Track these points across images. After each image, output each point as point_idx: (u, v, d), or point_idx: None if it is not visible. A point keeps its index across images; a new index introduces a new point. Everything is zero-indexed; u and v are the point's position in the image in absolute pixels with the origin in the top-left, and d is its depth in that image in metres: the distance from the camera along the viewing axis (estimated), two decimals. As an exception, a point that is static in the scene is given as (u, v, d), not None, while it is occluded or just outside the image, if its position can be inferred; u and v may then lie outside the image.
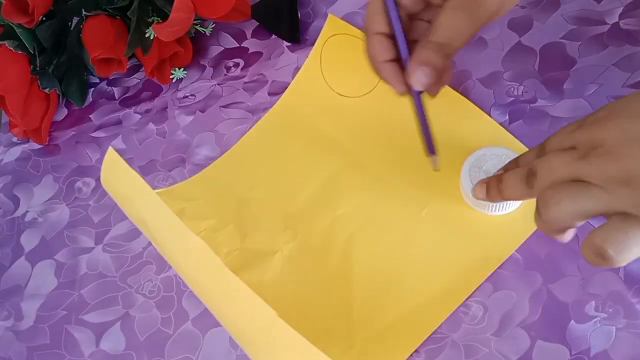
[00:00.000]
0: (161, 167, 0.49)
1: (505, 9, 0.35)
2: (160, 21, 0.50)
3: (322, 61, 0.48)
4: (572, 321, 0.36)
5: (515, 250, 0.39)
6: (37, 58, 0.52)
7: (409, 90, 0.37)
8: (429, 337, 0.38)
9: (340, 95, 0.47)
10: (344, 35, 0.47)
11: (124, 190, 0.38)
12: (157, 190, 0.46)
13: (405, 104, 0.39)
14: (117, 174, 0.37)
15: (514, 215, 0.40)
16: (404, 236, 0.42)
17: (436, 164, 0.39)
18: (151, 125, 0.52)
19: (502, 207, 0.40)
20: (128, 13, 0.50)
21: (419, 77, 0.35)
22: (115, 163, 0.36)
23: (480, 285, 0.39)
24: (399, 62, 0.36)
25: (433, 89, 0.38)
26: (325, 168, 0.45)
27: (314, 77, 0.48)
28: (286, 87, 0.50)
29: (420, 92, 0.37)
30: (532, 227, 0.39)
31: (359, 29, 0.47)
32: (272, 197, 0.45)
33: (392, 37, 0.36)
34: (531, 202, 0.39)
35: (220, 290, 0.33)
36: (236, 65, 0.53)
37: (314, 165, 0.46)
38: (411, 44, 0.36)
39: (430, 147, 0.39)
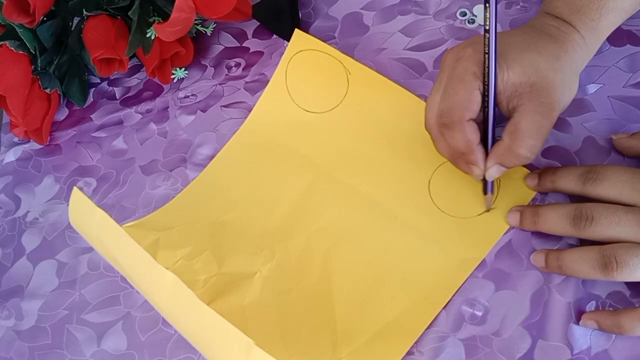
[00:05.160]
0: (162, 167, 0.49)
1: (566, 106, 0.38)
2: (162, 21, 0.50)
3: (288, 78, 0.47)
4: (573, 321, 0.37)
5: (518, 250, 0.40)
6: (38, 58, 0.52)
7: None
8: (431, 336, 0.38)
9: (306, 111, 0.47)
10: (310, 51, 0.47)
11: (93, 230, 0.38)
12: (129, 224, 0.46)
13: (369, 118, 0.43)
14: (84, 214, 0.37)
15: (487, 216, 0.41)
16: (380, 246, 0.42)
17: (490, 204, 0.41)
18: (152, 125, 0.52)
19: None
20: (129, 13, 0.50)
21: (493, 173, 0.38)
22: (81, 203, 0.36)
23: (481, 285, 0.39)
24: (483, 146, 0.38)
25: None
26: (298, 184, 0.45)
27: (280, 94, 0.48)
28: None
29: None
30: (505, 226, 0.40)
31: (325, 42, 0.47)
32: (247, 218, 0.45)
33: (478, 123, 0.38)
34: (505, 199, 0.40)
35: (196, 323, 0.33)
36: (237, 65, 0.53)
37: (286, 182, 0.45)
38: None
39: (489, 189, 0.40)
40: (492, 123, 0.38)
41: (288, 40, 0.52)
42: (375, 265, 0.41)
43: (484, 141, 0.38)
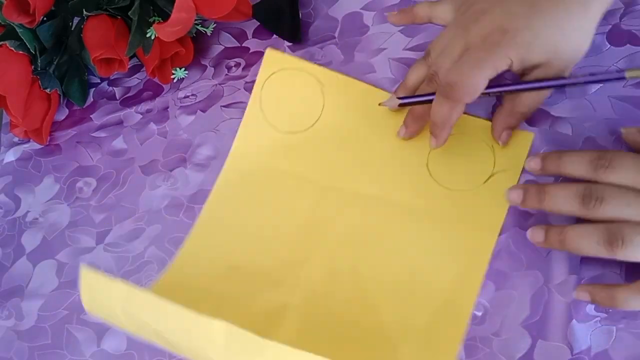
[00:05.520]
0: (162, 167, 0.49)
1: (576, 60, 0.39)
2: (162, 21, 0.50)
3: (262, 103, 0.47)
4: (573, 321, 0.37)
5: (517, 249, 0.40)
6: (38, 58, 0.52)
7: None
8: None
9: (287, 132, 0.46)
10: (281, 72, 0.46)
11: (117, 306, 0.34)
12: (151, 287, 0.44)
13: (352, 123, 0.44)
14: (101, 292, 0.35)
15: (492, 186, 0.41)
16: (403, 241, 0.42)
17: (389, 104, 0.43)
18: (152, 125, 0.52)
19: None
20: (129, 13, 0.50)
21: (504, 138, 0.42)
22: (95, 281, 0.33)
23: (481, 285, 0.39)
24: None
25: None
26: (302, 206, 0.44)
27: (257, 121, 0.47)
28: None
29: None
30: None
31: (298, 59, 0.47)
32: (261, 253, 0.44)
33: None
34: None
35: None
36: (237, 65, 0.53)
37: (289, 206, 0.44)
38: None
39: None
40: None
41: (288, 40, 0.52)
42: (404, 261, 0.41)
43: None
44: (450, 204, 0.42)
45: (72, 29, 0.54)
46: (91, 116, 0.55)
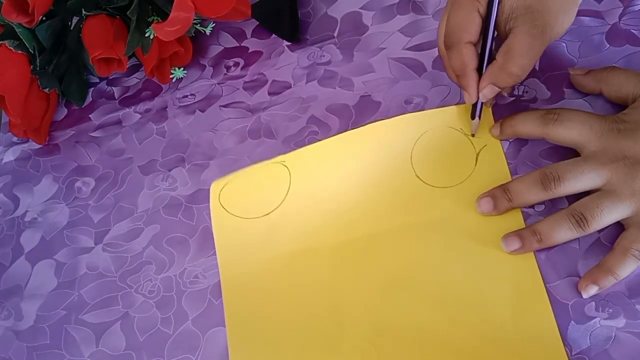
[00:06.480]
0: (161, 167, 0.49)
1: (563, 31, 0.38)
2: (160, 21, 0.50)
3: (225, 207, 0.45)
4: (572, 321, 0.36)
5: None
6: (37, 58, 0.52)
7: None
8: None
9: (262, 216, 0.44)
10: (228, 184, 0.46)
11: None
12: None
13: (325, 184, 0.43)
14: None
15: (483, 164, 0.41)
16: (458, 266, 0.40)
17: (475, 129, 0.42)
18: (151, 125, 0.52)
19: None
20: (128, 12, 0.50)
21: (487, 93, 0.40)
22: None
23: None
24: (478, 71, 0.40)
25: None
26: (322, 276, 0.42)
27: (226, 221, 0.45)
28: (286, 87, 0.50)
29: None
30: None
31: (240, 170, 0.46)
32: (303, 344, 0.40)
33: (475, 46, 0.39)
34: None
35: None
36: (236, 64, 0.53)
37: (310, 283, 0.42)
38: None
39: (478, 113, 0.41)
40: (490, 47, 0.39)
41: (287, 40, 0.52)
42: (464, 287, 0.39)
43: (480, 68, 0.40)
44: (459, 199, 0.41)
45: (71, 28, 0.54)
46: (90, 116, 0.55)
